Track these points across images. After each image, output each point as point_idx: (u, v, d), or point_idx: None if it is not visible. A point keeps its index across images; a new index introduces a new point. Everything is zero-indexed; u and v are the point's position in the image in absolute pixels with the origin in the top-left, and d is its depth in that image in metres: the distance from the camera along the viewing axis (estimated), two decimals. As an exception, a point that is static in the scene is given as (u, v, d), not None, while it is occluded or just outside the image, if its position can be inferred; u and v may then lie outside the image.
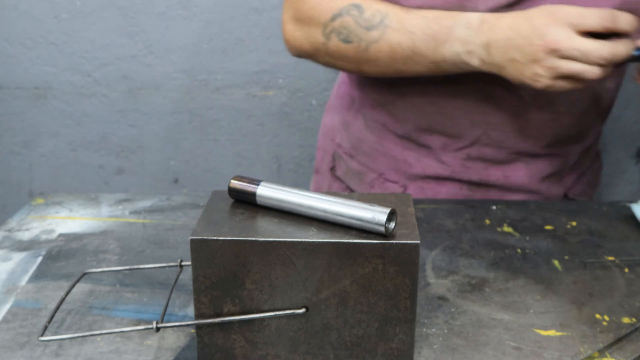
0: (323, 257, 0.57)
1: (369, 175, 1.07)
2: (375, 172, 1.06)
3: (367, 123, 1.05)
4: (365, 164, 1.08)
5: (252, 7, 1.49)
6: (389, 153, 1.04)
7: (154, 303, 0.72)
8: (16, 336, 0.66)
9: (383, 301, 0.58)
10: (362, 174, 1.08)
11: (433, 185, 1.03)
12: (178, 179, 1.66)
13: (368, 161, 1.06)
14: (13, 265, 0.80)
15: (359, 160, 1.07)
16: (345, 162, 1.10)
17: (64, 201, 0.98)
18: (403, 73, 0.91)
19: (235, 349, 0.60)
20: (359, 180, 1.08)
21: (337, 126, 1.12)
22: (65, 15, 1.52)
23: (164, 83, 1.56)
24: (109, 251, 0.84)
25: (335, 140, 1.12)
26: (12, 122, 1.61)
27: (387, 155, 1.04)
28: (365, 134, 1.06)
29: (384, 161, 1.05)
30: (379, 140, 1.04)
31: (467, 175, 1.01)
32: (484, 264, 0.81)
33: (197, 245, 0.57)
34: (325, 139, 1.15)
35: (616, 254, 0.84)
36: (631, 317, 0.71)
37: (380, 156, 1.05)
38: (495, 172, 1.01)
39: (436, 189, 1.03)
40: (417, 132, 1.01)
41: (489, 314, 0.71)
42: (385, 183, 1.06)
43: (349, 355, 0.60)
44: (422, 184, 1.03)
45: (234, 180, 0.63)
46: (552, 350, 0.65)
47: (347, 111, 1.09)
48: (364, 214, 0.57)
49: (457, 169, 1.01)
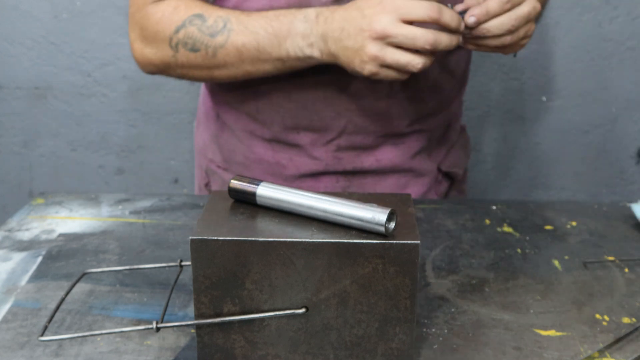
0: (323, 257, 0.57)
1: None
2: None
3: (234, 133, 1.06)
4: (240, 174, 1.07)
5: (252, 7, 1.49)
6: (262, 159, 1.04)
7: (154, 303, 0.72)
8: (16, 336, 0.66)
9: (383, 301, 0.58)
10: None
11: (310, 182, 1.04)
12: (178, 179, 1.66)
13: (243, 170, 1.06)
14: (13, 265, 0.80)
15: (234, 171, 1.07)
16: (220, 175, 1.09)
17: (64, 201, 0.98)
18: (252, 74, 0.93)
19: (235, 349, 0.60)
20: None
21: (207, 142, 1.11)
22: (65, 15, 1.52)
23: (164, 83, 1.56)
24: (109, 251, 0.84)
25: (207, 156, 1.11)
26: (12, 122, 1.61)
27: (260, 162, 1.05)
28: (234, 144, 1.06)
29: (258, 168, 1.05)
30: (249, 147, 1.05)
31: (341, 166, 1.02)
32: (484, 264, 0.81)
33: (197, 245, 0.57)
34: (199, 156, 1.15)
35: (616, 254, 0.84)
36: (631, 317, 0.71)
37: (253, 164, 1.05)
38: (368, 158, 1.02)
39: (314, 185, 1.04)
40: (284, 132, 1.01)
41: (489, 314, 0.71)
42: None
43: (349, 355, 0.60)
44: (299, 183, 1.04)
45: (234, 180, 0.63)
46: (552, 350, 0.65)
47: (213, 125, 1.10)
48: (364, 214, 0.57)
49: (330, 162, 1.02)
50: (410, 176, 1.05)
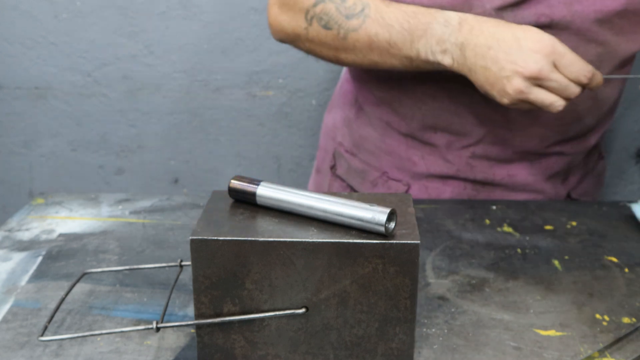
0: (323, 257, 0.57)
1: (372, 173, 1.07)
2: (379, 171, 1.06)
3: (370, 121, 1.05)
4: (367, 162, 1.07)
5: (252, 7, 1.49)
6: (393, 151, 1.04)
7: (154, 303, 0.72)
8: (16, 336, 0.66)
9: (383, 301, 0.58)
10: (364, 172, 1.08)
11: (437, 184, 1.03)
12: (178, 179, 1.66)
13: (371, 159, 1.06)
14: (13, 265, 0.80)
15: (362, 159, 1.07)
16: (346, 160, 1.09)
17: (64, 201, 0.98)
18: (378, 65, 0.91)
19: (235, 349, 0.60)
20: (362, 178, 1.08)
21: (338, 124, 1.11)
22: (65, 15, 1.52)
23: (164, 83, 1.56)
24: (109, 251, 0.84)
25: (336, 139, 1.12)
26: (12, 122, 1.61)
27: (391, 154, 1.04)
28: (368, 131, 1.06)
29: (387, 159, 1.05)
30: (382, 138, 1.04)
31: (472, 174, 1.01)
32: (484, 264, 0.81)
33: (197, 245, 0.57)
34: (327, 138, 1.15)
35: (616, 254, 0.84)
36: (631, 317, 0.71)
37: (383, 154, 1.05)
38: (500, 171, 1.01)
39: (440, 188, 1.03)
40: (421, 130, 1.00)
41: (489, 314, 0.71)
42: (389, 182, 1.06)
43: (349, 355, 0.60)
44: (426, 182, 1.03)
45: (234, 180, 0.63)
46: (552, 350, 0.65)
47: (349, 109, 1.09)
48: (364, 214, 0.57)
49: (462, 168, 1.01)
50: (539, 197, 1.04)
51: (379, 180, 1.06)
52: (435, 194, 1.04)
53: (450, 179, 1.03)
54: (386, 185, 1.06)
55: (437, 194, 1.04)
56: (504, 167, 1.01)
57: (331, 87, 1.55)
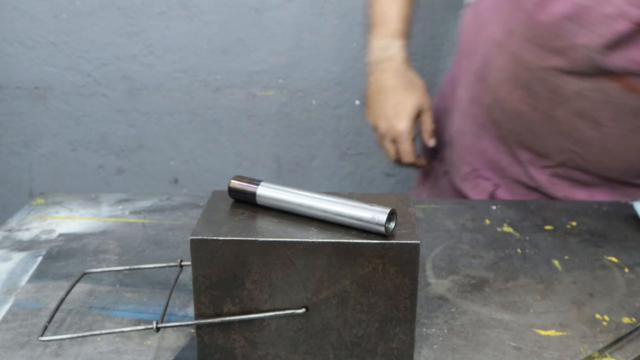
0: (323, 257, 0.57)
1: (464, 167, 1.08)
2: (470, 166, 1.07)
3: (464, 119, 1.06)
4: (461, 156, 1.09)
5: (252, 7, 1.49)
6: (485, 151, 1.05)
7: (154, 303, 0.72)
8: (16, 336, 0.66)
9: (383, 301, 0.58)
10: (457, 165, 1.09)
11: (524, 191, 1.04)
12: (178, 179, 1.66)
13: (464, 154, 1.07)
14: (13, 265, 0.80)
15: (456, 151, 1.08)
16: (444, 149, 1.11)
17: (64, 201, 0.98)
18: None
19: (235, 349, 0.60)
20: (455, 169, 1.10)
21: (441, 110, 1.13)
22: (65, 15, 1.52)
23: (164, 83, 1.56)
24: (109, 251, 0.84)
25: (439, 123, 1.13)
26: (12, 122, 1.61)
27: (483, 153, 1.05)
28: (463, 127, 1.07)
29: (479, 158, 1.06)
30: (476, 137, 1.05)
31: (553, 191, 1.02)
32: (484, 264, 0.81)
33: (197, 245, 0.57)
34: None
35: (616, 254, 0.84)
36: (631, 317, 0.71)
37: (476, 152, 1.06)
38: (581, 192, 1.02)
39: (526, 195, 1.04)
40: (509, 139, 1.02)
41: (489, 314, 0.71)
42: (478, 179, 1.06)
43: (349, 355, 0.60)
44: (514, 187, 1.04)
45: (234, 180, 0.63)
46: (552, 350, 0.65)
47: (449, 100, 1.10)
48: (364, 214, 0.57)
49: (543, 184, 1.02)
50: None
51: (470, 175, 1.07)
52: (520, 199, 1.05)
53: (534, 190, 1.04)
54: (475, 182, 1.07)
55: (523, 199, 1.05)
56: (585, 189, 1.02)
57: (331, 87, 1.55)
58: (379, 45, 1.07)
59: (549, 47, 0.90)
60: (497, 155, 1.04)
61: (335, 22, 1.50)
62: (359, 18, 1.49)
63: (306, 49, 1.52)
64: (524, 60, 0.93)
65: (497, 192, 1.06)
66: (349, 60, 1.53)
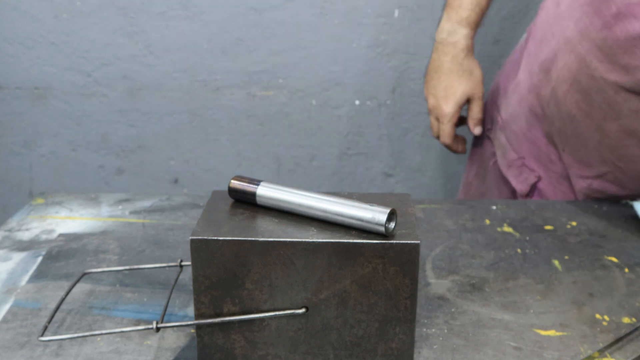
0: (323, 257, 0.57)
1: (511, 154, 1.08)
2: (517, 154, 1.07)
3: (520, 104, 1.06)
4: (510, 142, 1.09)
5: (252, 7, 1.49)
6: (534, 142, 1.05)
7: (154, 303, 0.72)
8: (16, 336, 0.66)
9: (383, 301, 0.58)
10: (505, 149, 1.09)
11: (565, 188, 1.04)
12: (178, 179, 1.66)
13: (514, 140, 1.07)
14: (13, 265, 0.80)
15: (507, 136, 1.08)
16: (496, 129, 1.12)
17: (64, 201, 0.98)
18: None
19: (235, 349, 0.60)
20: (502, 153, 1.10)
21: (501, 87, 1.13)
22: (65, 15, 1.52)
23: (164, 83, 1.56)
24: (109, 251, 0.84)
25: (496, 102, 1.14)
26: (12, 122, 1.61)
27: (532, 144, 1.05)
28: (518, 111, 1.06)
29: (527, 147, 1.05)
30: (528, 125, 1.05)
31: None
32: (484, 264, 0.81)
33: (197, 245, 0.57)
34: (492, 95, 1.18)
35: (616, 254, 0.84)
36: (631, 317, 0.71)
37: (525, 141, 1.06)
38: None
39: (567, 193, 1.04)
40: (556, 138, 1.02)
41: (489, 314, 0.71)
42: (522, 167, 1.06)
43: (349, 355, 0.60)
44: (556, 181, 1.04)
45: (234, 180, 0.63)
46: (552, 350, 0.65)
47: (513, 79, 1.10)
48: (364, 214, 0.57)
49: (580, 189, 1.03)
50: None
51: (515, 163, 1.07)
52: (560, 195, 1.05)
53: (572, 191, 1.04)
54: (519, 170, 1.07)
55: (563, 195, 1.05)
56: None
57: (331, 87, 1.55)
58: (447, 27, 1.10)
59: (617, 61, 0.89)
60: (546, 148, 1.04)
61: (335, 22, 1.50)
62: (359, 18, 1.49)
63: (306, 49, 1.52)
64: (590, 67, 0.92)
65: (540, 185, 1.06)
66: (349, 60, 1.53)
